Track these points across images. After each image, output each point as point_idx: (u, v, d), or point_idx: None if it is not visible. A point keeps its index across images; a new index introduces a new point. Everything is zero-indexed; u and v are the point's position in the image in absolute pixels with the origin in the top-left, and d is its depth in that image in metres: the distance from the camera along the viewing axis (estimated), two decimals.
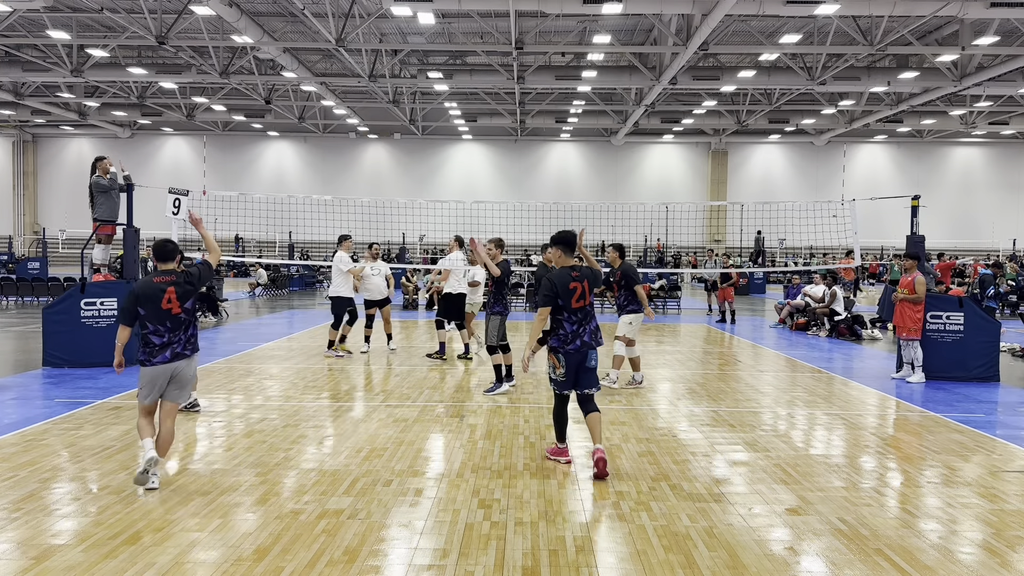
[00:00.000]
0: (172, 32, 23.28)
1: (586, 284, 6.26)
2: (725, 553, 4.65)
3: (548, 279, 6.20)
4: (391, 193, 42.73)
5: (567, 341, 6.18)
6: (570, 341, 6.18)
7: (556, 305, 6.17)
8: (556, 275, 6.25)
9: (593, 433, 6.24)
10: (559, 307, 6.18)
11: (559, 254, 6.34)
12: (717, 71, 28.67)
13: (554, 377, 6.29)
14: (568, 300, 6.16)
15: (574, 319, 6.20)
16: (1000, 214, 44.34)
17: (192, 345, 5.92)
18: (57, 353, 10.77)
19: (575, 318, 6.20)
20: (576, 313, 6.20)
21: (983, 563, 4.60)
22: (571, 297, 6.16)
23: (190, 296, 5.89)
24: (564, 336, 6.20)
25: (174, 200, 12.17)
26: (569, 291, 6.15)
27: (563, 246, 6.32)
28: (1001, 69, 25.51)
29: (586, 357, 6.22)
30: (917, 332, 10.58)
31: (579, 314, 6.22)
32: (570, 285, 6.17)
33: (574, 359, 6.20)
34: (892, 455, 6.99)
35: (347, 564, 4.42)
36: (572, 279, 6.21)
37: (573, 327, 6.20)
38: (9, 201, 45.19)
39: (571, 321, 6.20)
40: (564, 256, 6.31)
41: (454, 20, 26.51)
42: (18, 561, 4.39)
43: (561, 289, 6.16)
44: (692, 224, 43.30)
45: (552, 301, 6.16)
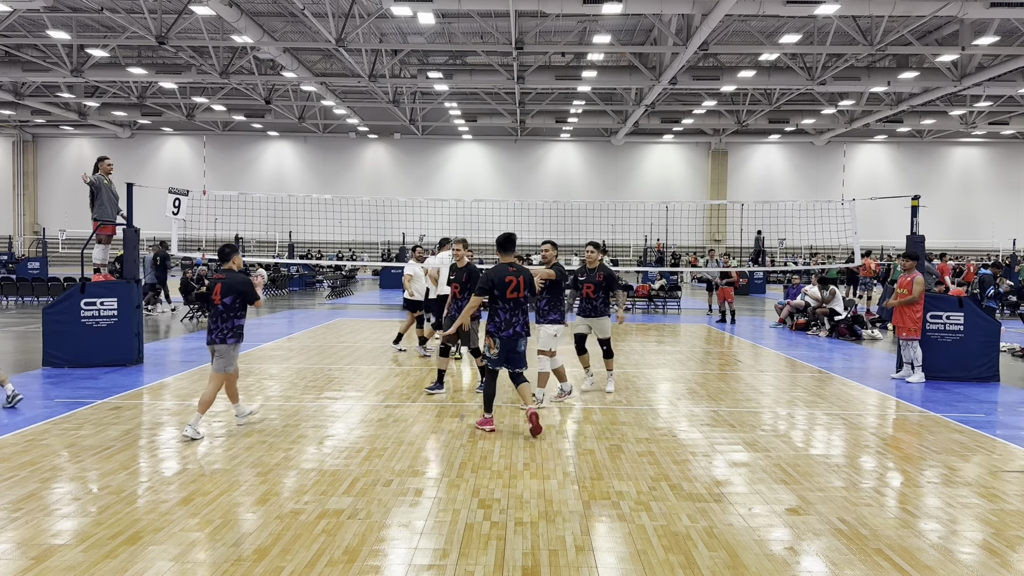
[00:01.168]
0: (172, 32, 23.28)
1: (521, 279, 7.27)
2: (725, 553, 4.65)
3: (486, 273, 7.32)
4: (391, 193, 42.74)
5: (502, 328, 7.24)
6: (504, 328, 7.23)
7: (493, 295, 7.21)
8: (495, 269, 7.28)
9: (524, 397, 7.40)
10: (495, 297, 7.21)
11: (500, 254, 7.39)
12: (717, 71, 28.66)
13: (488, 356, 7.33)
14: (504, 291, 7.17)
15: (507, 308, 7.24)
16: (1000, 214, 44.34)
17: (223, 335, 7.16)
18: (57, 353, 10.77)
19: (508, 307, 7.24)
20: (510, 303, 7.23)
21: (983, 563, 4.60)
22: (506, 289, 7.19)
23: (230, 293, 7.17)
24: (499, 323, 7.25)
25: (174, 200, 12.16)
26: (505, 283, 7.19)
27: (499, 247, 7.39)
28: (1001, 69, 25.50)
29: (516, 343, 7.31)
30: (917, 332, 10.58)
31: (512, 304, 7.24)
32: (507, 278, 7.21)
33: (507, 344, 7.26)
34: (892, 455, 6.99)
35: (347, 564, 4.42)
36: (509, 273, 7.24)
37: (507, 315, 7.24)
38: (9, 201, 45.19)
39: (505, 310, 7.24)
40: (504, 254, 7.35)
41: (454, 20, 26.51)
42: (18, 561, 4.39)
43: (498, 282, 7.19)
44: (692, 224, 43.30)
45: (488, 292, 7.23)
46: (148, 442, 7.03)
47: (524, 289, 7.27)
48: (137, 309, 11.25)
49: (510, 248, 7.36)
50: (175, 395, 9.19)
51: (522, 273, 7.31)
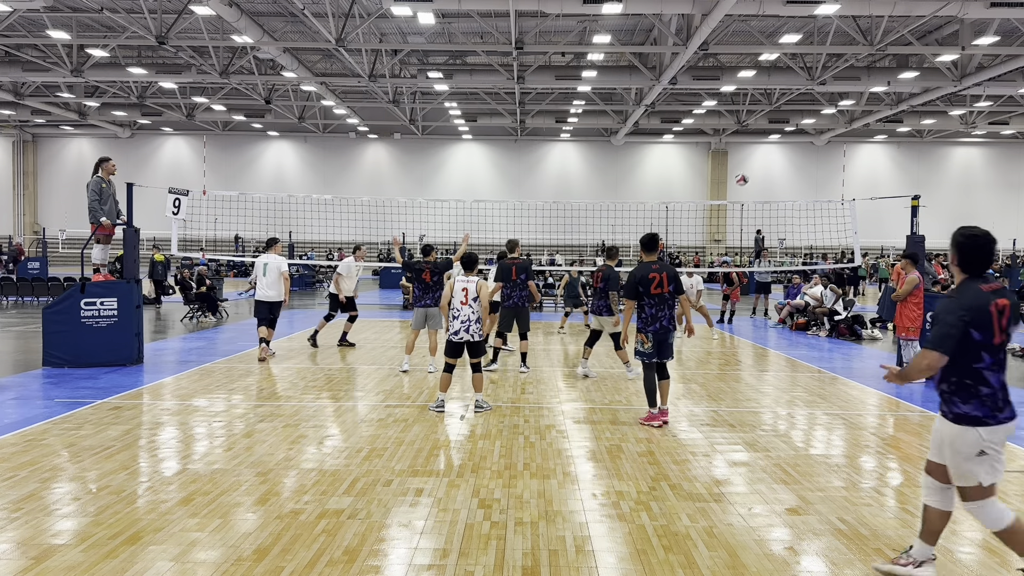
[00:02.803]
0: (172, 32, 23.28)
1: (664, 275, 7.54)
2: (725, 553, 4.65)
3: (631, 273, 7.64)
4: (391, 193, 42.74)
5: (649, 323, 7.53)
6: (651, 323, 7.52)
7: (638, 292, 7.50)
8: (639, 268, 7.57)
9: (664, 394, 7.83)
10: (640, 294, 7.51)
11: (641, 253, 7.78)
12: (717, 71, 28.65)
13: (642, 351, 7.61)
14: (648, 288, 7.48)
15: (652, 303, 7.54)
16: (1000, 214, 44.32)
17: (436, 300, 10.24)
18: (57, 353, 10.77)
19: (653, 303, 7.53)
20: (654, 299, 7.53)
21: (983, 563, 4.60)
22: (650, 285, 7.49)
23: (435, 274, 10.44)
24: (646, 318, 7.55)
25: (174, 200, 12.17)
26: (649, 280, 7.48)
27: (643, 246, 7.74)
28: (1001, 69, 25.50)
29: (667, 336, 7.59)
30: (916, 332, 10.58)
31: (656, 299, 7.54)
32: (650, 275, 7.50)
33: (658, 337, 7.56)
34: (892, 455, 6.99)
35: (347, 564, 4.42)
36: (652, 270, 7.53)
37: (652, 311, 7.54)
38: (9, 201, 45.19)
39: (651, 305, 7.54)
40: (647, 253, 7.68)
41: (454, 20, 26.51)
42: (18, 561, 4.39)
43: (641, 279, 7.51)
44: (692, 224, 43.28)
45: (635, 290, 7.53)
46: (148, 442, 7.03)
47: (668, 285, 7.55)
48: (137, 309, 11.25)
49: (653, 247, 7.70)
50: (175, 395, 9.19)
51: (664, 270, 7.57)
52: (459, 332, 8.10)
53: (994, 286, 3.81)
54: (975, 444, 3.74)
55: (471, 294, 8.11)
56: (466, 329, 8.07)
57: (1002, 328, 3.78)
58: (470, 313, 8.07)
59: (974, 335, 3.69)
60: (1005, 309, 3.77)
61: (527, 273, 10.95)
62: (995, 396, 3.75)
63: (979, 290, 3.76)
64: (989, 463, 3.75)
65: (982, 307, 3.71)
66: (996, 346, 3.74)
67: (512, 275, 10.87)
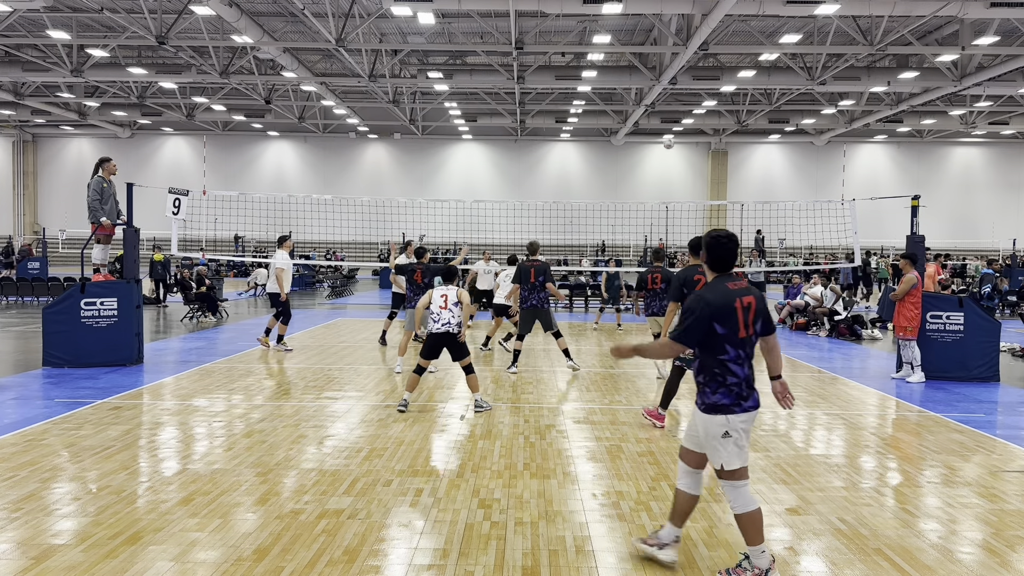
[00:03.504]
0: (172, 32, 23.27)
1: None
2: (725, 553, 4.65)
3: (676, 274, 7.45)
4: (391, 193, 42.73)
5: None
6: None
7: (682, 294, 7.21)
8: (685, 271, 7.41)
9: None
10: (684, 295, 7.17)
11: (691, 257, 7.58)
12: (717, 71, 28.65)
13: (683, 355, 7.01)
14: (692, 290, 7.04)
15: None
16: (1000, 214, 44.33)
17: None
18: (57, 353, 10.77)
19: None
20: None
21: (983, 563, 4.60)
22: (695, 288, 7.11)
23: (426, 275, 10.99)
24: None
25: (174, 200, 12.17)
26: (694, 282, 7.23)
27: (691, 249, 7.46)
28: (1001, 69, 25.49)
29: None
30: (914, 332, 10.58)
31: None
32: (695, 277, 7.29)
33: None
34: (892, 455, 6.99)
35: (347, 564, 4.42)
36: (698, 272, 7.25)
37: None
38: (9, 201, 45.18)
39: None
40: (696, 257, 7.32)
41: (454, 20, 26.51)
42: (18, 561, 4.39)
43: (686, 281, 7.28)
44: (692, 224, 43.23)
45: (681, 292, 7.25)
46: (148, 442, 7.03)
47: None
48: (137, 309, 11.25)
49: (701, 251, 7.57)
50: (175, 395, 9.19)
51: None
52: (439, 326, 8.29)
53: (740, 284, 4.14)
54: (721, 427, 4.10)
55: (451, 300, 8.28)
56: (446, 323, 8.27)
57: (747, 323, 4.09)
58: (450, 317, 8.24)
59: (718, 329, 3.99)
60: (750, 306, 4.08)
61: (545, 275, 11.02)
62: (740, 386, 4.09)
63: (726, 288, 4.07)
64: (733, 444, 4.09)
65: (727, 303, 4.02)
66: (740, 340, 4.07)
67: (531, 277, 10.91)
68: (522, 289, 10.98)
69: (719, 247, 4.19)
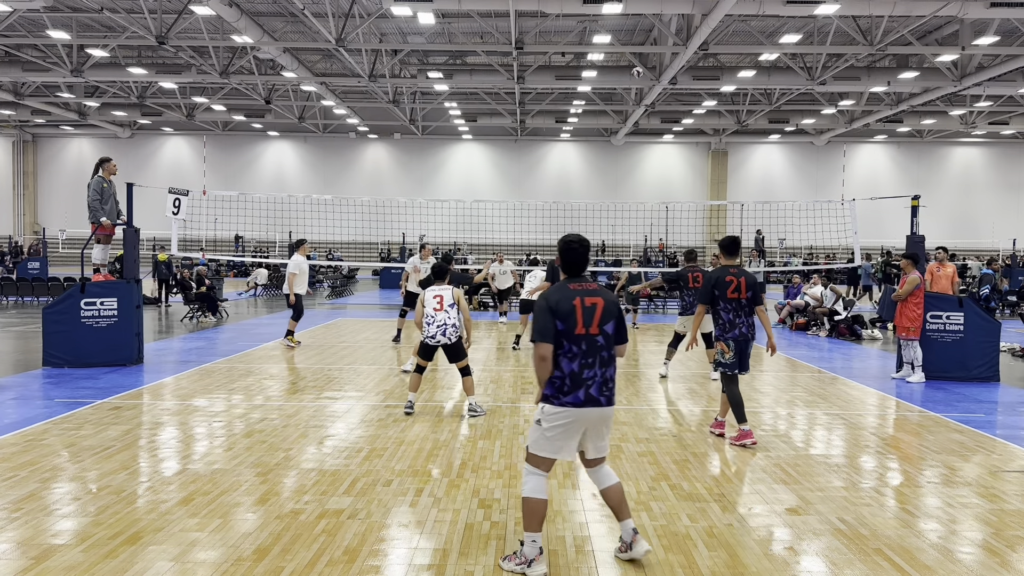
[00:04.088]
0: (172, 32, 23.27)
1: (743, 280, 7.09)
2: (725, 553, 4.65)
3: (707, 276, 7.23)
4: (391, 193, 42.72)
5: (727, 329, 7.04)
6: (729, 329, 7.03)
7: (714, 296, 7.06)
8: (716, 271, 7.19)
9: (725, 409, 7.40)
10: (716, 298, 7.07)
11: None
12: (717, 71, 28.65)
13: (724, 361, 7.07)
14: (724, 291, 7.03)
15: (729, 308, 7.06)
16: (1000, 214, 44.32)
17: None
18: (57, 353, 10.77)
19: (730, 307, 7.06)
20: (731, 303, 7.06)
21: (983, 563, 4.60)
22: (727, 289, 7.03)
23: None
24: (723, 324, 7.06)
25: (174, 200, 12.18)
26: (726, 283, 7.04)
27: (723, 250, 7.27)
28: (1001, 69, 25.49)
29: (747, 345, 7.09)
30: (916, 332, 10.58)
31: (733, 304, 7.06)
32: (727, 278, 7.06)
33: (739, 345, 7.05)
34: (892, 455, 6.99)
35: (347, 564, 4.42)
36: (730, 274, 7.09)
37: (729, 316, 7.05)
38: (9, 201, 45.18)
39: (727, 311, 7.06)
40: (728, 257, 7.21)
41: (454, 20, 26.50)
42: (18, 561, 4.39)
43: (717, 282, 7.09)
44: (692, 224, 43.27)
45: (710, 294, 7.11)
46: (148, 442, 7.03)
47: (746, 291, 7.09)
48: (137, 309, 11.25)
49: (734, 251, 7.35)
50: (175, 395, 9.19)
51: (743, 275, 7.20)
52: (435, 336, 8.04)
53: (587, 286, 4.34)
54: (538, 414, 4.33)
55: (447, 301, 8.08)
56: (442, 332, 8.01)
57: (588, 322, 4.26)
58: (446, 319, 8.02)
59: (559, 326, 4.21)
60: (595, 306, 4.27)
61: None
62: (562, 380, 4.24)
63: (567, 288, 4.31)
64: (542, 433, 4.29)
65: (566, 301, 4.24)
66: (577, 336, 4.24)
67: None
68: None
69: (571, 252, 4.39)
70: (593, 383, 4.30)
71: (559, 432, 4.29)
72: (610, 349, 4.38)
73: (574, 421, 4.29)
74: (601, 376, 4.33)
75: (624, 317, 4.54)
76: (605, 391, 4.34)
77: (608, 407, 4.38)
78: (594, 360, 4.31)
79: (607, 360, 4.36)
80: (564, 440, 4.32)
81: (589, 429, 4.38)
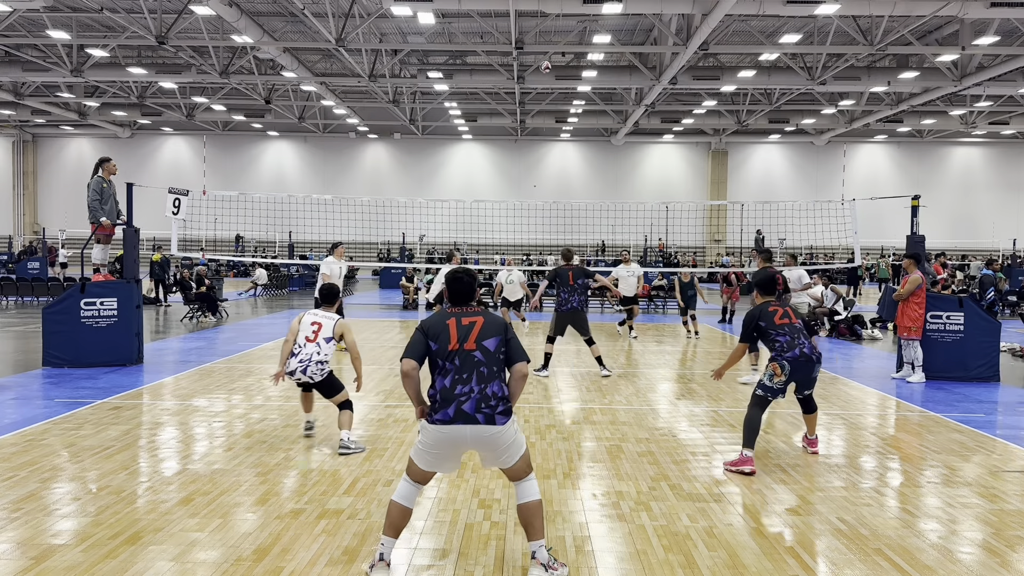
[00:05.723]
0: (172, 32, 23.28)
1: (789, 309, 6.77)
2: (725, 553, 4.65)
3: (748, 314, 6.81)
4: (391, 193, 42.73)
5: (784, 350, 6.51)
6: (787, 349, 6.48)
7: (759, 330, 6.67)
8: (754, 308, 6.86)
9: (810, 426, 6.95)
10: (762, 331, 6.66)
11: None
12: (717, 71, 28.66)
13: (771, 385, 6.48)
14: (771, 320, 6.61)
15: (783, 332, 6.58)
16: (1000, 214, 44.33)
17: None
18: (57, 353, 10.76)
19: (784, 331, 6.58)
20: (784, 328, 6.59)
21: (983, 563, 4.60)
22: (773, 317, 6.62)
23: None
24: (781, 346, 6.54)
25: (174, 200, 12.17)
26: (769, 313, 6.65)
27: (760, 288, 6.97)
28: (1001, 69, 25.50)
29: (812, 368, 6.55)
30: (918, 332, 10.58)
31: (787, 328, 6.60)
32: (770, 308, 6.69)
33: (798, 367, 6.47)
34: (892, 455, 6.99)
35: (347, 564, 4.42)
36: (772, 305, 6.74)
37: (787, 339, 6.53)
38: (9, 201, 45.19)
39: (782, 334, 6.56)
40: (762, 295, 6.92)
41: (454, 20, 26.51)
42: (18, 561, 4.39)
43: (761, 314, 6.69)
44: (692, 224, 43.30)
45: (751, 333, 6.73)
46: (148, 442, 7.03)
47: (795, 317, 6.72)
48: (137, 309, 11.24)
49: (772, 291, 7.05)
50: (175, 395, 9.19)
51: (785, 305, 6.85)
52: (295, 372, 6.65)
53: (467, 310, 4.37)
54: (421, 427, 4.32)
55: (324, 332, 6.71)
56: (303, 370, 6.63)
57: (462, 338, 4.25)
58: (314, 352, 6.64)
59: (431, 345, 4.25)
60: (472, 324, 4.28)
61: (585, 274, 11.15)
62: (435, 398, 4.25)
63: (444, 312, 4.37)
64: (418, 446, 4.30)
65: (439, 324, 4.29)
66: (450, 351, 4.24)
67: (570, 280, 10.89)
68: (561, 292, 10.96)
69: (457, 282, 4.43)
70: (468, 399, 4.16)
71: (430, 447, 4.24)
72: (492, 366, 4.24)
73: (444, 438, 4.19)
74: (479, 392, 4.18)
75: (517, 338, 4.40)
76: (484, 407, 4.16)
77: (488, 426, 4.15)
78: (469, 376, 4.19)
79: (487, 376, 4.20)
80: (436, 458, 4.26)
81: (475, 448, 4.24)
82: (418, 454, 4.30)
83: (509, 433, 4.23)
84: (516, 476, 4.34)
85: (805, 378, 6.52)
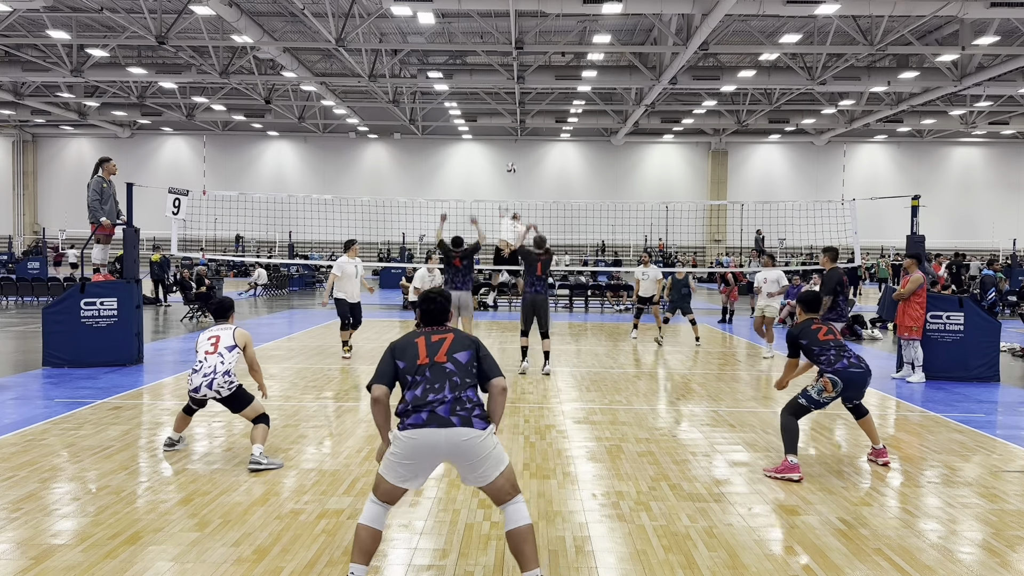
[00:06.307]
0: (172, 32, 23.28)
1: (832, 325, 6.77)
2: (725, 553, 4.65)
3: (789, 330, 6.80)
4: (391, 193, 42.72)
5: (833, 362, 6.43)
6: (835, 361, 6.41)
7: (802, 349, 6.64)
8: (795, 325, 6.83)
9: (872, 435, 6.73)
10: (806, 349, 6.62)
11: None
12: (717, 71, 28.66)
13: (819, 398, 6.38)
14: (814, 337, 6.57)
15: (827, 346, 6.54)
16: (1000, 214, 44.33)
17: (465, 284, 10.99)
18: (57, 353, 10.77)
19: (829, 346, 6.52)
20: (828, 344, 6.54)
21: (983, 563, 4.60)
22: (816, 335, 6.58)
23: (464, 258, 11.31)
24: (828, 358, 6.48)
25: (174, 200, 12.17)
26: (812, 331, 6.60)
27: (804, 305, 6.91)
28: (1001, 69, 25.50)
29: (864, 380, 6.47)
30: (918, 332, 10.58)
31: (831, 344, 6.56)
32: (812, 326, 6.65)
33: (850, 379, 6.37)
34: (892, 455, 6.98)
35: (347, 564, 4.41)
36: (814, 322, 6.72)
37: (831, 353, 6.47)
38: (9, 201, 45.18)
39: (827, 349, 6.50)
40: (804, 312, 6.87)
41: (454, 20, 26.51)
42: (18, 561, 4.39)
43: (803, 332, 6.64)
44: (692, 224, 43.29)
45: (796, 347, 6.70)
46: (148, 442, 7.03)
47: (838, 334, 6.70)
48: (137, 309, 11.24)
49: (816, 307, 7.00)
50: (175, 395, 9.19)
51: (826, 323, 6.82)
52: (199, 388, 6.32)
53: (438, 328, 4.32)
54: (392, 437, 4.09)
55: (224, 342, 6.44)
56: (208, 384, 6.29)
57: (431, 352, 4.16)
58: (217, 363, 6.32)
59: (400, 364, 4.15)
60: (442, 341, 4.21)
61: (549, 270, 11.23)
62: (406, 408, 4.05)
63: (414, 331, 4.33)
64: (388, 459, 4.06)
65: (408, 344, 4.21)
66: (420, 366, 4.12)
67: (538, 270, 10.84)
68: (527, 278, 10.89)
69: (430, 302, 4.39)
70: (442, 404, 3.96)
71: (402, 457, 3.95)
72: (466, 377, 4.08)
73: (417, 445, 3.92)
74: (452, 397, 3.99)
75: (491, 354, 4.26)
76: (459, 410, 3.95)
77: (464, 428, 3.90)
78: (442, 385, 4.02)
79: (460, 385, 4.04)
80: (409, 469, 3.97)
81: (451, 457, 3.98)
82: (388, 467, 4.01)
83: (488, 442, 3.96)
84: (500, 498, 4.03)
85: (856, 393, 6.48)
